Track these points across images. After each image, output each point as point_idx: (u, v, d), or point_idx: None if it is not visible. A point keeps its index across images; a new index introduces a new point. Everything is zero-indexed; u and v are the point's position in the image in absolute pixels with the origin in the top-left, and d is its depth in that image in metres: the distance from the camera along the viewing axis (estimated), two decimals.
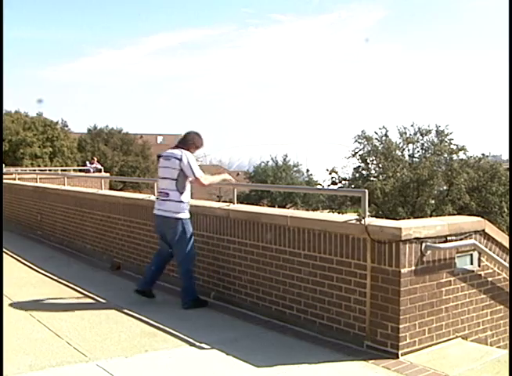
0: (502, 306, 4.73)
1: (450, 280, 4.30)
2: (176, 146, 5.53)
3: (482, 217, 4.90)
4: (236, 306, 5.38)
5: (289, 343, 4.44)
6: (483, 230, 4.53)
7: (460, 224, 4.40)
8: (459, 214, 26.38)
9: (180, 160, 5.35)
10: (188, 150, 5.46)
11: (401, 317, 4.00)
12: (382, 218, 5.15)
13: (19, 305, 5.53)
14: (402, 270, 4.00)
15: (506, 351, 4.23)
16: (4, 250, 8.22)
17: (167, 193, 5.42)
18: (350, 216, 4.55)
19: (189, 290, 5.47)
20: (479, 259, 4.52)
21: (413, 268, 4.05)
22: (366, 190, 4.55)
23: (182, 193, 5.36)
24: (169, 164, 5.46)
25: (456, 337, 4.36)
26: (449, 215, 26.86)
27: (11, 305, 5.54)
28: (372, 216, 4.50)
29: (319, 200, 41.64)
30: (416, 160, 34.86)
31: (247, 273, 5.31)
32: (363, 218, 4.24)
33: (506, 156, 43.94)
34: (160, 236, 5.67)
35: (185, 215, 5.40)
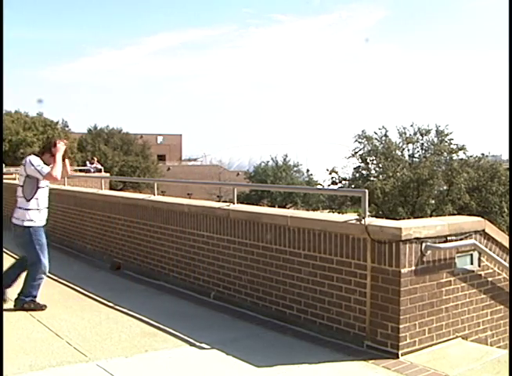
0: (502, 306, 4.73)
1: (450, 280, 4.30)
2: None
3: (482, 217, 4.90)
4: (236, 306, 5.38)
5: (289, 343, 4.44)
6: (483, 230, 4.53)
7: (460, 224, 4.40)
8: (459, 214, 26.39)
9: (24, 165, 5.43)
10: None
11: (401, 317, 4.00)
12: (382, 218, 5.15)
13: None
14: (402, 270, 4.00)
15: (506, 351, 4.23)
16: (4, 250, 8.20)
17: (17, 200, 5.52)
18: (350, 216, 4.55)
19: (32, 289, 5.37)
20: (479, 259, 4.52)
21: (413, 268, 4.05)
22: (366, 190, 4.55)
23: (28, 200, 5.43)
24: (20, 171, 5.55)
25: (456, 337, 4.36)
26: (449, 214, 26.87)
27: (11, 305, 5.53)
28: (372, 216, 4.50)
29: (319, 200, 41.66)
30: (416, 160, 34.88)
31: (247, 273, 5.31)
32: (363, 218, 4.24)
33: (506, 156, 43.97)
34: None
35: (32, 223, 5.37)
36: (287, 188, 45.00)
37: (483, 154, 33.98)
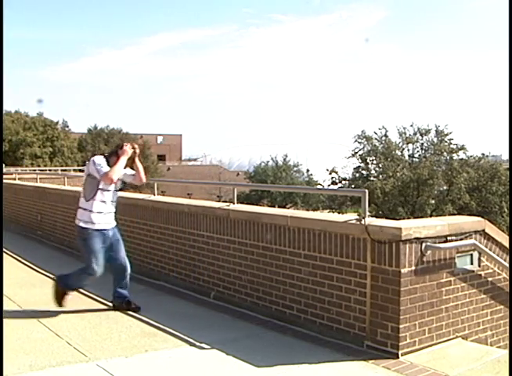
0: (502, 306, 4.73)
1: (450, 280, 4.30)
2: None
3: (482, 217, 4.90)
4: (236, 306, 5.38)
5: (289, 343, 4.44)
6: (483, 230, 4.53)
7: (460, 224, 4.40)
8: (459, 214, 26.39)
9: (87, 165, 5.27)
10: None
11: (401, 317, 4.00)
12: (382, 218, 5.15)
13: (19, 305, 5.53)
14: (402, 270, 4.00)
15: (506, 351, 4.23)
16: (4, 250, 8.21)
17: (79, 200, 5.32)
18: (350, 216, 4.55)
19: (70, 278, 5.34)
20: (479, 259, 4.52)
21: (413, 268, 4.05)
22: (366, 190, 4.55)
23: (87, 200, 5.18)
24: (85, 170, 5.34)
25: (456, 337, 4.36)
26: (449, 214, 26.87)
27: (11, 305, 5.54)
28: (372, 216, 4.51)
29: (319, 200, 41.66)
30: (416, 160, 34.88)
31: (247, 273, 5.31)
32: (363, 218, 4.24)
33: (506, 156, 43.97)
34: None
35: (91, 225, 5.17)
36: (287, 188, 44.99)
37: (483, 154, 33.98)
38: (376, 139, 35.39)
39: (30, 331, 4.72)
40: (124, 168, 5.27)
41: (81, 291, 6.14)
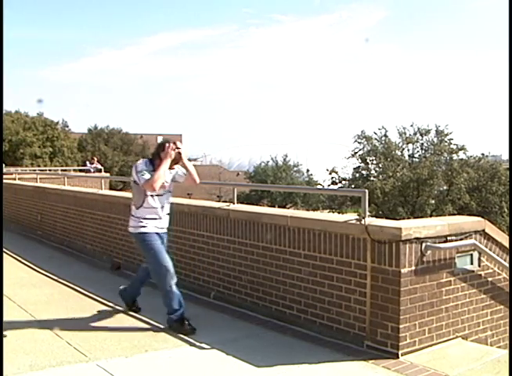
0: (502, 306, 4.73)
1: (450, 280, 4.30)
2: None
3: (482, 217, 4.90)
4: (236, 306, 5.38)
5: (289, 343, 4.44)
6: (483, 230, 4.53)
7: (460, 224, 4.41)
8: (459, 214, 26.39)
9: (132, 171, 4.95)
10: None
11: (401, 317, 4.00)
12: (382, 218, 5.15)
13: (19, 305, 5.53)
14: (402, 270, 4.00)
15: (506, 351, 4.23)
16: (4, 250, 8.21)
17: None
18: (350, 216, 4.55)
19: (168, 307, 4.85)
20: (479, 259, 4.52)
21: (413, 268, 4.05)
22: (366, 190, 4.55)
23: (137, 208, 4.91)
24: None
25: (456, 337, 4.36)
26: (449, 214, 26.87)
27: (11, 305, 5.54)
28: (372, 216, 4.51)
29: (319, 200, 41.62)
30: (416, 160, 34.87)
31: (247, 273, 5.31)
32: (363, 218, 4.24)
33: (506, 156, 43.95)
34: None
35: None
36: (287, 188, 44.94)
37: (483, 154, 33.98)
38: (376, 139, 35.39)
39: (30, 331, 4.72)
40: (170, 168, 4.88)
41: (81, 290, 6.15)
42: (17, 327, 4.80)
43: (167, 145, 4.80)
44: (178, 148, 4.80)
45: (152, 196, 4.83)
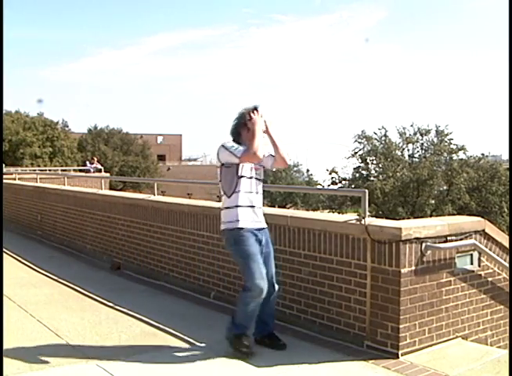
0: (502, 306, 4.73)
1: (450, 280, 4.30)
2: None
3: (482, 217, 4.90)
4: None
5: (289, 343, 4.43)
6: (483, 230, 4.53)
7: (460, 224, 4.40)
8: (459, 214, 26.39)
9: (217, 154, 4.08)
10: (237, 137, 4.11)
11: (401, 317, 4.00)
12: (382, 218, 5.14)
13: (19, 305, 5.54)
14: (402, 270, 4.00)
15: (506, 351, 4.23)
16: (4, 250, 8.21)
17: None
18: (350, 216, 4.55)
19: (235, 317, 4.15)
20: (479, 259, 4.52)
21: (413, 268, 4.05)
22: (366, 190, 4.55)
23: (229, 197, 4.03)
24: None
25: (456, 337, 4.36)
26: (449, 215, 26.87)
27: (11, 305, 5.54)
28: (372, 216, 4.50)
29: (319, 200, 41.61)
30: (416, 160, 34.87)
31: None
32: (363, 218, 4.24)
33: (506, 156, 43.93)
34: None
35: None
36: (287, 188, 44.94)
37: (483, 154, 33.99)
38: (376, 139, 35.38)
39: (30, 331, 4.72)
40: None
41: (81, 291, 6.15)
42: (17, 327, 4.80)
43: (252, 112, 4.04)
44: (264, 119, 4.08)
45: (246, 178, 4.02)
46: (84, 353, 4.18)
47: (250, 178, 4.07)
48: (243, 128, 4.08)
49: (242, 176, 4.01)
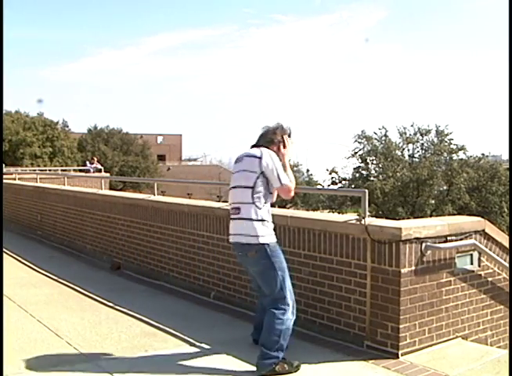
0: (502, 306, 4.73)
1: (450, 280, 4.30)
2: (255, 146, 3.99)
3: (482, 217, 4.90)
4: (236, 306, 5.38)
5: (289, 343, 4.43)
6: (483, 230, 4.53)
7: (460, 224, 4.40)
8: (459, 214, 26.39)
9: (260, 158, 3.80)
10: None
11: (401, 317, 4.00)
12: (382, 218, 5.14)
13: (19, 305, 5.54)
14: (402, 270, 4.00)
15: (506, 351, 4.23)
16: (4, 250, 8.22)
17: (239, 208, 3.86)
18: (350, 216, 4.54)
19: (268, 346, 3.76)
20: (479, 259, 4.52)
21: (413, 268, 4.05)
22: (366, 190, 4.55)
23: (260, 208, 3.80)
24: (244, 166, 3.89)
25: (456, 337, 4.36)
26: (449, 215, 26.88)
27: (11, 305, 5.54)
28: (372, 216, 4.50)
29: (319, 200, 41.61)
30: (416, 160, 34.89)
31: (247, 273, 5.30)
32: (363, 218, 4.24)
33: (506, 156, 43.95)
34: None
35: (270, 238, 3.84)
36: None
37: (483, 154, 34.02)
38: (376, 139, 35.41)
39: (30, 331, 4.72)
40: None
41: (81, 291, 6.15)
42: (17, 327, 4.80)
43: (284, 136, 3.93)
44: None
45: (272, 194, 3.92)
46: (84, 353, 4.18)
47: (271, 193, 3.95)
48: (275, 144, 3.94)
49: (271, 193, 3.91)
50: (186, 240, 6.15)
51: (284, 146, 3.96)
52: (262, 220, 3.77)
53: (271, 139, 3.94)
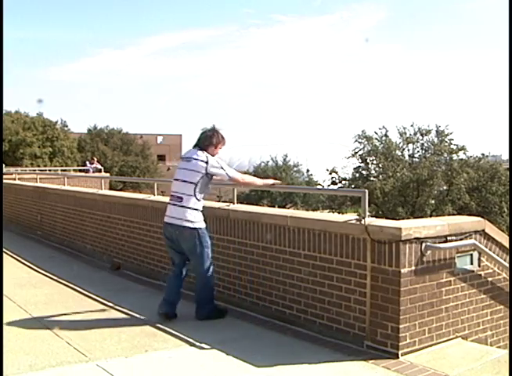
0: (502, 306, 4.73)
1: (450, 280, 4.30)
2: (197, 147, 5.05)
3: (482, 217, 4.90)
4: (236, 306, 5.38)
5: (289, 343, 4.44)
6: (483, 230, 4.53)
7: (460, 224, 4.40)
8: (459, 214, 26.38)
9: (207, 163, 4.88)
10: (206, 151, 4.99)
11: (401, 317, 4.00)
12: (382, 218, 5.15)
13: (19, 305, 5.53)
14: (402, 270, 4.00)
15: (506, 351, 4.23)
16: (4, 250, 8.22)
17: (181, 198, 4.91)
18: (350, 216, 4.55)
19: (204, 301, 5.11)
20: (479, 259, 4.52)
21: (413, 268, 4.05)
22: (366, 190, 4.55)
23: (199, 200, 4.93)
24: (192, 166, 4.92)
25: (456, 337, 4.36)
26: (449, 215, 26.85)
27: (11, 305, 5.54)
28: (372, 216, 4.50)
29: (319, 200, 41.58)
30: (416, 160, 34.85)
31: (247, 273, 5.31)
32: (363, 218, 4.24)
33: (506, 156, 43.92)
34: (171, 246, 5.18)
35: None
36: (287, 188, 44.95)
37: (483, 154, 33.95)
38: (376, 139, 35.35)
39: (30, 331, 4.72)
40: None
41: (81, 290, 6.15)
42: (17, 327, 4.80)
43: (221, 139, 5.12)
44: None
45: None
46: (84, 353, 4.18)
47: None
48: (213, 146, 5.01)
49: (209, 188, 5.15)
50: None
51: (220, 147, 5.06)
52: (197, 209, 4.90)
53: (210, 141, 4.99)
